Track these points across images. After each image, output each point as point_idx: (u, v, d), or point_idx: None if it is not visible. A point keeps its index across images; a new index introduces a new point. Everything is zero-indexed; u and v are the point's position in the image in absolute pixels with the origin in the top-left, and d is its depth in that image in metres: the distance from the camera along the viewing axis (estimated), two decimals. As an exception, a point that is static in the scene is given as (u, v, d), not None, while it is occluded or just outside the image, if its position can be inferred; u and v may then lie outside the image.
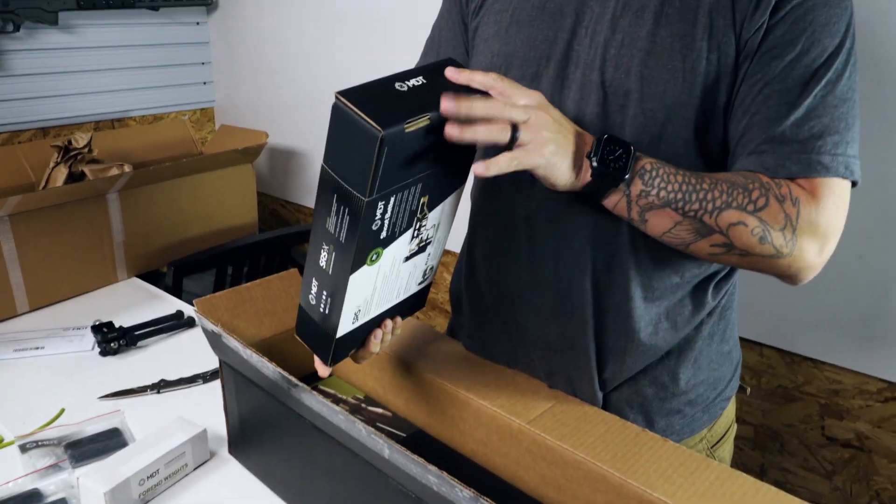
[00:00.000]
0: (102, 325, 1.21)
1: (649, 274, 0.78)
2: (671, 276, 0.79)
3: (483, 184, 0.89)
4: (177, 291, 1.50)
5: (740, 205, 0.67)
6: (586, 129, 0.75)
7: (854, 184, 0.70)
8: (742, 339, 0.97)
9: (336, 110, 0.58)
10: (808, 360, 1.23)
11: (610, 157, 0.67)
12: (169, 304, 1.40)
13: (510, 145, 0.63)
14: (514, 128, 0.62)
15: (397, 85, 0.61)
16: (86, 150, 1.48)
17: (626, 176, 0.67)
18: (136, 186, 1.50)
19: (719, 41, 0.69)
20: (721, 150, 0.75)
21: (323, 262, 0.66)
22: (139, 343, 1.22)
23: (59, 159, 1.47)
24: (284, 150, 2.07)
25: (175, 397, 1.08)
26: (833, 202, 0.68)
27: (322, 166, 0.63)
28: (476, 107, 0.60)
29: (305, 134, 2.01)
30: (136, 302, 1.41)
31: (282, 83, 2.02)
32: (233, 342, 0.82)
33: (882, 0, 1.02)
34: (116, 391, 1.08)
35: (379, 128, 0.55)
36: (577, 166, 0.67)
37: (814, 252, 0.69)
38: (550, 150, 0.64)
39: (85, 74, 1.89)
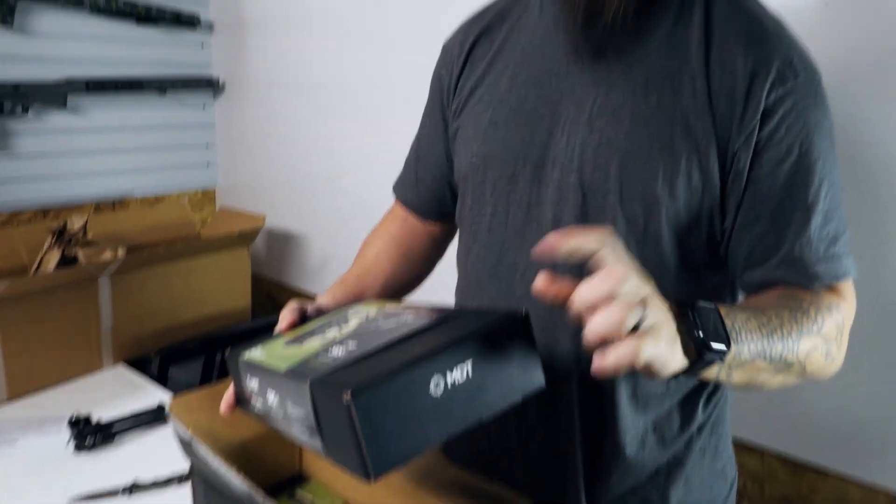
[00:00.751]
0: (80, 419, 1.18)
1: (636, 378, 0.76)
2: (659, 386, 0.77)
3: (464, 286, 0.88)
4: (163, 380, 1.47)
5: (809, 330, 0.66)
6: (564, 227, 0.74)
7: None
8: (741, 444, 0.92)
9: (340, 407, 0.48)
10: (812, 468, 1.18)
11: (710, 327, 0.58)
12: (152, 396, 1.36)
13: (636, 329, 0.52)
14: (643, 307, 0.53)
15: (433, 386, 0.50)
16: (80, 233, 1.48)
17: (727, 348, 0.58)
18: (129, 270, 1.49)
19: (699, 143, 0.69)
20: (706, 253, 0.74)
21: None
22: (116, 439, 1.18)
23: (52, 242, 1.47)
24: (283, 232, 2.07)
25: (148, 501, 1.04)
26: (852, 299, 0.73)
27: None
28: (598, 320, 0.50)
29: (304, 217, 2.02)
30: (119, 392, 1.37)
31: (283, 166, 2.04)
32: (202, 450, 0.78)
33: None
34: (87, 494, 1.03)
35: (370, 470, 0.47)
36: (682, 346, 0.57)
37: (845, 349, 0.71)
38: (667, 333, 0.54)
39: (89, 155, 1.92)
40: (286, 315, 0.76)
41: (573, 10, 0.70)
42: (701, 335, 0.57)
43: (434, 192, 0.95)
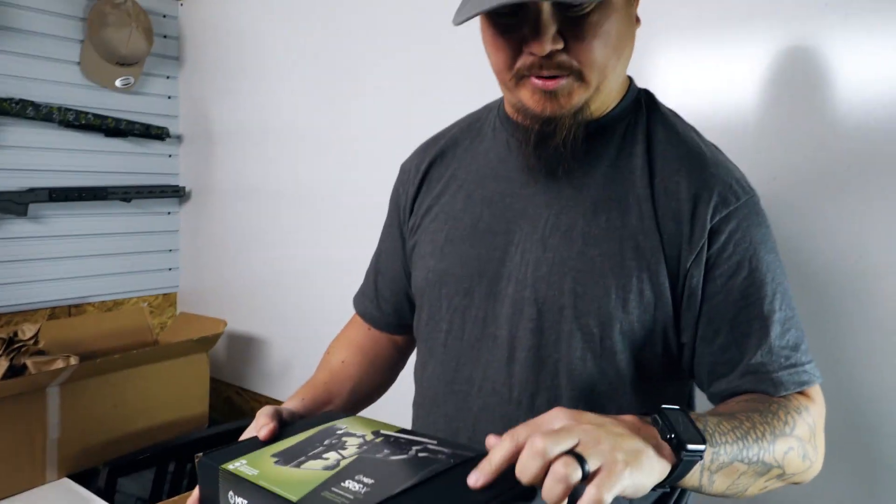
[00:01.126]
0: (15, 538, 1.11)
1: None
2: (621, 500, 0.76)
3: (420, 401, 0.88)
4: (109, 494, 1.39)
5: (782, 431, 0.67)
6: (521, 343, 0.76)
7: None
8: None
9: None
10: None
11: (682, 430, 0.57)
12: (97, 511, 1.29)
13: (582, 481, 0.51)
14: (579, 460, 0.51)
15: None
16: (31, 341, 1.45)
17: (704, 446, 0.57)
18: (81, 379, 1.45)
19: (648, 261, 0.73)
20: (662, 365, 0.76)
21: None
22: (53, 560, 1.11)
23: (1, 352, 1.43)
24: (243, 336, 2.05)
25: None
26: (821, 402, 0.75)
27: None
28: (523, 459, 0.50)
29: (265, 321, 2.00)
30: (62, 508, 1.30)
31: (245, 270, 2.05)
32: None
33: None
34: None
35: None
36: (659, 456, 0.56)
37: (823, 451, 0.73)
38: (624, 458, 0.51)
39: (48, 261, 1.91)
40: (265, 421, 0.72)
41: (526, 133, 0.74)
42: (674, 437, 0.56)
43: (394, 305, 0.96)
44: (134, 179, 2.08)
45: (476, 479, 0.53)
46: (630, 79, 0.81)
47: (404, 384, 1.00)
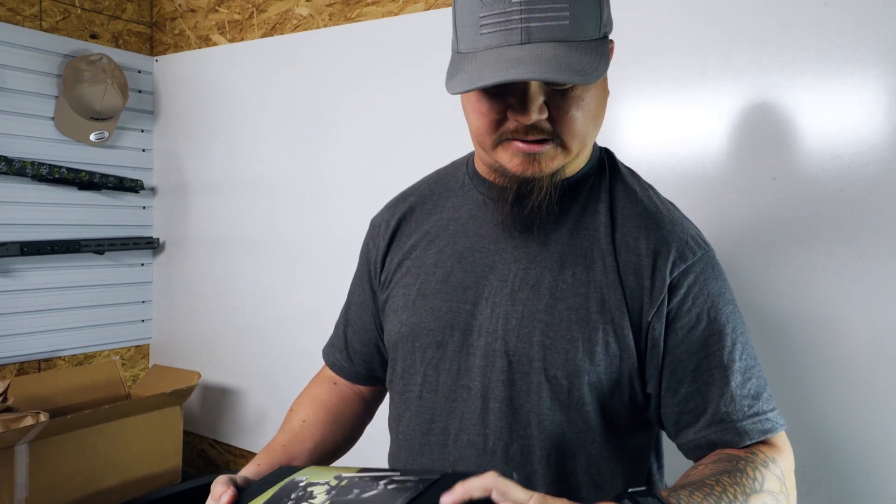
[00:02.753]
0: None
1: None
2: None
3: (396, 452, 0.89)
4: (78, 554, 1.37)
5: (752, 488, 0.70)
6: (494, 394, 0.78)
7: None
8: None
9: None
10: None
11: None
12: (66, 573, 1.26)
13: None
14: None
15: None
16: (1, 398, 1.43)
17: None
18: (51, 436, 1.43)
19: (613, 314, 0.76)
20: (629, 415, 0.79)
21: None
22: None
23: (-30, 410, 1.41)
24: (217, 387, 2.03)
25: None
26: (788, 449, 0.77)
27: None
28: None
29: (239, 372, 2.00)
30: (29, 571, 1.27)
31: (218, 322, 2.05)
32: None
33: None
34: None
35: None
36: None
37: (795, 496, 0.75)
38: None
39: (17, 316, 1.89)
40: (222, 489, 0.73)
41: (503, 192, 0.78)
42: None
43: (363, 357, 0.98)
44: (107, 232, 2.08)
45: (446, 499, 0.59)
46: None
47: (379, 434, 1.01)
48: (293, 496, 0.71)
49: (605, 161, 0.85)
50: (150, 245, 2.17)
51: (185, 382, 1.75)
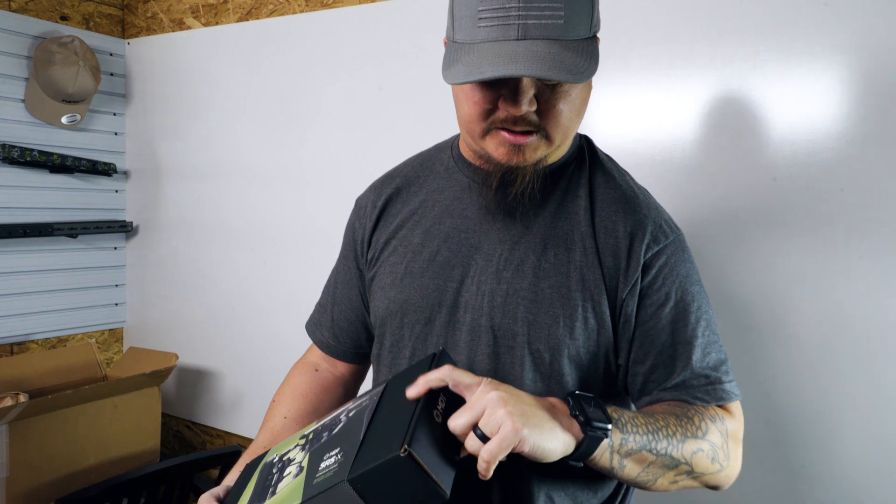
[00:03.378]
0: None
1: (551, 488, 0.83)
2: (573, 494, 0.84)
3: None
4: (61, 532, 1.38)
5: (693, 434, 0.76)
6: (479, 367, 0.83)
7: None
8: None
9: (405, 463, 0.60)
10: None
11: (590, 410, 0.69)
12: (50, 548, 1.28)
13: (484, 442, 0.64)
14: (474, 427, 0.65)
15: (436, 415, 0.67)
16: (-20, 380, 1.44)
17: (611, 426, 0.69)
18: (30, 416, 1.44)
19: (592, 292, 0.82)
20: (603, 385, 0.85)
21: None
22: None
23: (-52, 391, 1.41)
24: (193, 369, 2.05)
25: None
26: (739, 417, 0.84)
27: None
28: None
29: (214, 354, 2.02)
30: (13, 547, 1.29)
31: (193, 304, 2.07)
32: None
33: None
34: None
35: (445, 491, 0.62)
36: (563, 430, 0.68)
37: (740, 460, 0.82)
38: (520, 422, 0.64)
39: (-10, 300, 1.88)
40: None
41: (488, 177, 0.83)
42: (580, 416, 0.68)
43: (349, 333, 1.01)
44: (80, 215, 2.08)
45: (411, 391, 0.68)
46: None
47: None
48: (274, 471, 0.75)
49: (584, 149, 0.90)
50: (124, 228, 2.17)
51: (162, 364, 1.77)
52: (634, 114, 1.32)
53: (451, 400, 0.70)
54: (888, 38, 1.10)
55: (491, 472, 0.64)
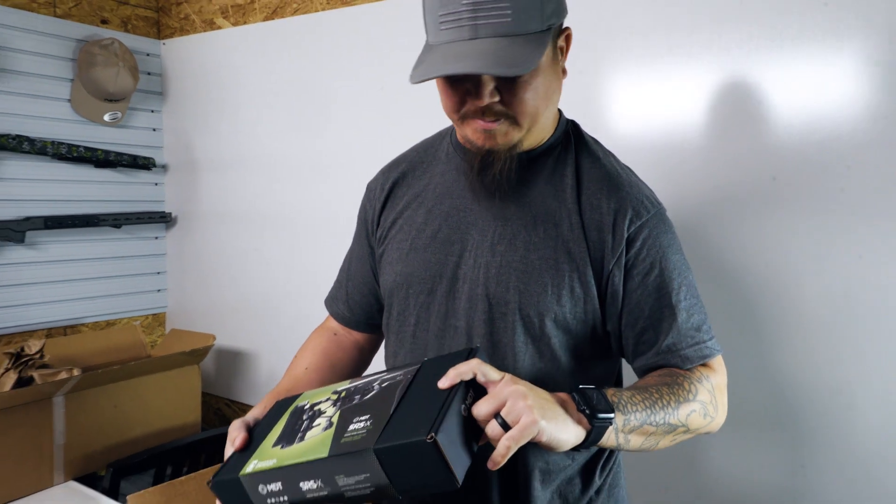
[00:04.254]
0: (34, 528, 1.23)
1: (546, 459, 0.92)
2: (565, 459, 0.93)
3: None
4: (114, 493, 1.52)
5: (686, 398, 0.85)
6: (476, 332, 0.92)
7: None
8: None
9: (429, 449, 0.66)
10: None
11: (593, 402, 0.77)
12: (103, 506, 1.42)
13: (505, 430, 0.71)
14: (496, 416, 0.71)
15: (463, 409, 0.73)
16: (37, 355, 1.57)
17: (613, 414, 0.77)
18: (83, 389, 1.57)
19: (577, 264, 0.89)
20: (590, 348, 0.93)
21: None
22: (69, 545, 1.23)
23: (9, 365, 1.55)
24: (231, 351, 2.18)
25: None
26: (722, 369, 0.93)
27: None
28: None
29: (252, 336, 2.14)
30: (71, 505, 1.42)
31: (230, 290, 2.19)
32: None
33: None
34: None
35: (458, 479, 0.68)
36: (575, 422, 0.75)
37: (726, 405, 0.91)
38: (538, 414, 0.71)
39: (44, 285, 2.04)
40: (237, 433, 0.86)
41: (471, 161, 0.91)
42: (587, 409, 0.76)
43: (362, 306, 1.11)
44: (123, 207, 2.22)
45: (443, 382, 0.74)
46: (560, 112, 0.98)
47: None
48: (304, 417, 0.83)
49: (570, 132, 0.97)
50: (164, 219, 2.30)
51: (201, 343, 1.90)
52: (652, 97, 1.38)
53: (478, 396, 0.75)
54: None
55: (506, 459, 0.71)
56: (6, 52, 1.93)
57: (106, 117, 2.14)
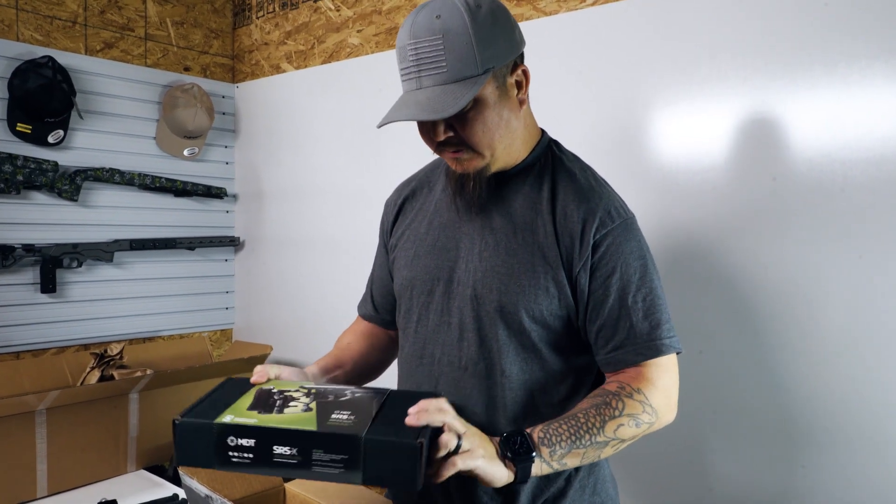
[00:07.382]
0: (107, 501, 1.42)
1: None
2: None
3: (400, 374, 1.16)
4: (177, 482, 1.70)
5: (611, 416, 0.95)
6: (466, 326, 1.04)
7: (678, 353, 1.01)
8: None
9: (415, 452, 0.76)
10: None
11: (516, 446, 0.88)
12: (168, 491, 1.60)
13: (455, 452, 0.82)
14: (459, 438, 0.83)
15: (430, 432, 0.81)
16: (118, 356, 1.80)
17: (534, 454, 0.88)
18: (155, 388, 1.78)
19: (552, 266, 1.01)
20: (567, 343, 1.04)
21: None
22: (136, 517, 1.41)
23: (94, 364, 1.78)
24: (285, 361, 2.37)
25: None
26: (671, 368, 1.00)
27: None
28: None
29: (307, 350, 2.33)
30: (140, 489, 1.62)
31: (289, 308, 2.39)
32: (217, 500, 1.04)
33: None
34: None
35: (420, 484, 0.77)
36: (505, 466, 0.87)
37: (672, 404, 1.01)
38: (481, 454, 0.84)
39: (126, 300, 2.30)
40: (259, 373, 0.98)
41: (451, 184, 1.06)
42: (509, 454, 0.87)
43: (384, 307, 1.26)
44: (197, 231, 2.47)
45: (419, 420, 0.82)
46: (543, 132, 1.10)
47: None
48: (276, 398, 0.86)
49: (550, 151, 1.09)
50: (233, 243, 2.55)
51: (258, 352, 2.09)
52: (687, 125, 1.49)
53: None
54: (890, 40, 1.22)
55: (446, 475, 0.81)
56: (104, 97, 2.23)
57: (185, 152, 2.41)
